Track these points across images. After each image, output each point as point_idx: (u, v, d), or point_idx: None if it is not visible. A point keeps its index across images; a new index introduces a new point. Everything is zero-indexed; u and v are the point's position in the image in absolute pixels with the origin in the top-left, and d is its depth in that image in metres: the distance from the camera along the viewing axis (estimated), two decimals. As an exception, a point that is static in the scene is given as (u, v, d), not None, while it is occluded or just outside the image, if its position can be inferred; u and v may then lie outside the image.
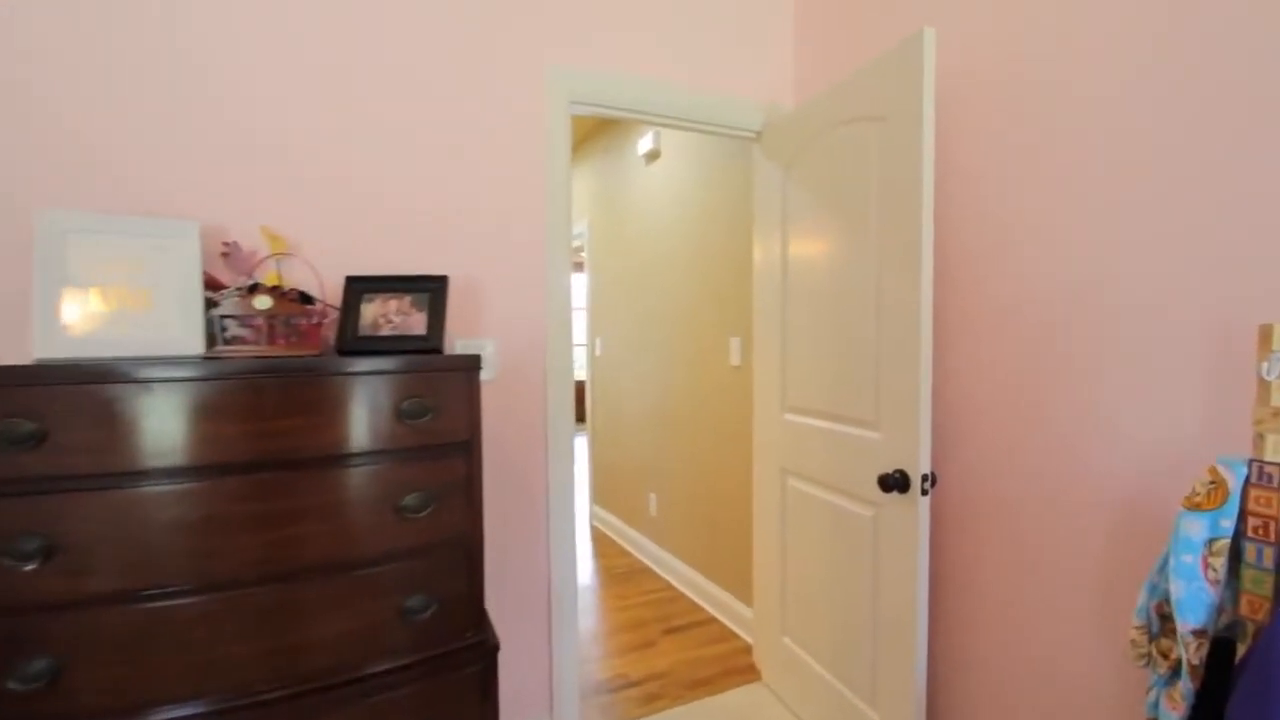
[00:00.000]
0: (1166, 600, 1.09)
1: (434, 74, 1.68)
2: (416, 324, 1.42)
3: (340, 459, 1.17)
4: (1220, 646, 1.02)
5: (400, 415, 1.20)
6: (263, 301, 1.30)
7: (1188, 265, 1.17)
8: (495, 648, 1.30)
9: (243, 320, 1.30)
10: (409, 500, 1.21)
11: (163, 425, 1.06)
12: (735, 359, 2.62)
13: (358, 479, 1.18)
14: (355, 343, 1.38)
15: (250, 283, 1.37)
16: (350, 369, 1.18)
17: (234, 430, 1.10)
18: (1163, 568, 1.08)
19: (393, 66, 1.63)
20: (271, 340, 1.32)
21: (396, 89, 1.64)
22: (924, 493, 1.49)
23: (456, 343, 1.70)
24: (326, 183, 1.57)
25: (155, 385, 1.05)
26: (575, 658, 1.92)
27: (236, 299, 1.32)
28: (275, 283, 1.43)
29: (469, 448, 1.28)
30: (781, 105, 2.18)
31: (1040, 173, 1.42)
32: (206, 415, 1.08)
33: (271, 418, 1.13)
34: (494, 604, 1.79)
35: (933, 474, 1.54)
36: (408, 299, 1.44)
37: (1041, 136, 1.41)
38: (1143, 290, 1.24)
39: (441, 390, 1.25)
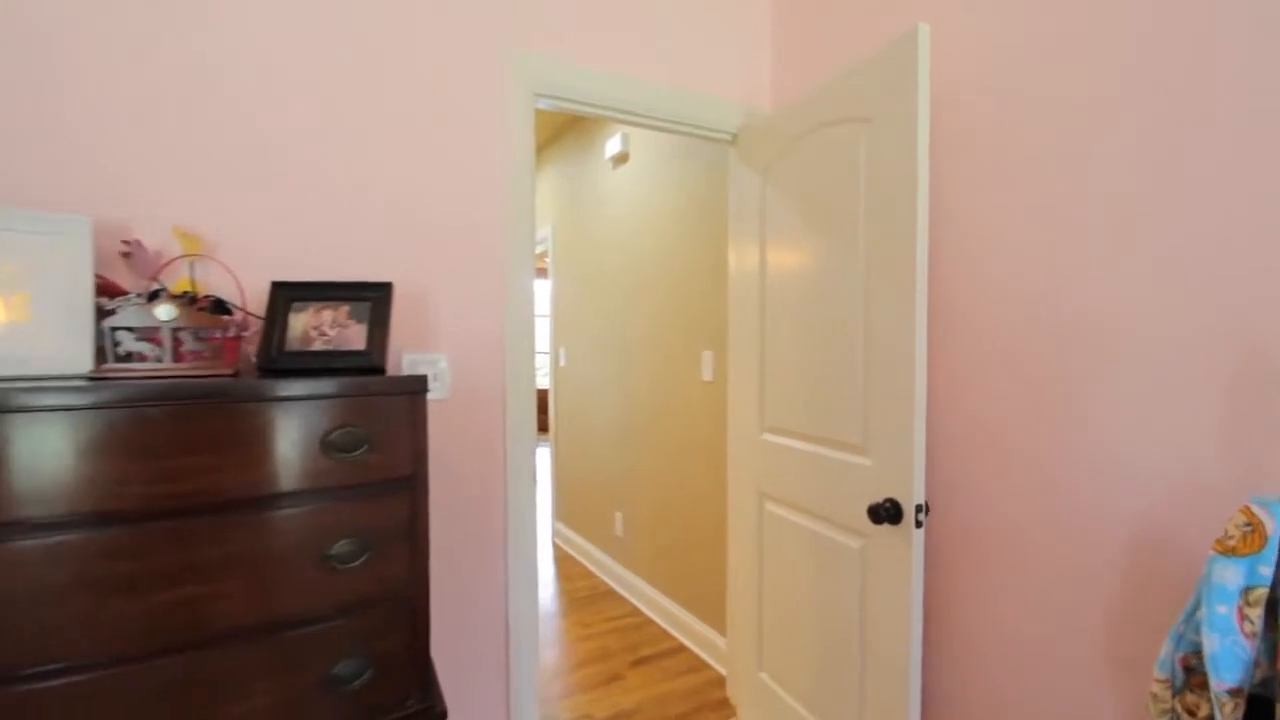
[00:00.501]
0: (1194, 652, 0.99)
1: (382, 56, 1.50)
2: (354, 337, 1.23)
3: (254, 503, 0.98)
4: (1258, 706, 0.92)
5: (328, 448, 1.02)
6: (166, 311, 1.10)
7: (1200, 277, 1.09)
8: (442, 716, 1.12)
9: (141, 333, 1.10)
10: (339, 549, 1.03)
11: (28, 465, 0.85)
12: (708, 373, 2.49)
13: (276, 526, 0.99)
14: (281, 359, 1.19)
15: (153, 288, 1.16)
16: (268, 393, 0.99)
17: (120, 470, 0.90)
18: (1189, 617, 0.98)
19: (335, 44, 1.45)
20: (177, 357, 1.12)
21: (339, 69, 1.45)
22: (918, 525, 1.38)
23: (404, 358, 1.52)
24: (252, 175, 1.37)
25: (17, 415, 0.85)
26: (535, 706, 1.74)
27: (136, 307, 1.12)
28: (186, 288, 1.23)
29: (413, 484, 1.10)
30: (759, 108, 2.07)
31: (1032, 180, 1.33)
32: (86, 452, 0.88)
33: (168, 454, 0.93)
34: (443, 651, 1.60)
35: (926, 504, 1.43)
36: (345, 308, 1.25)
37: (1032, 142, 1.32)
38: (1147, 306, 1.15)
39: (380, 417, 1.07)
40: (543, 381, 7.03)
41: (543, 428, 6.60)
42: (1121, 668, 1.20)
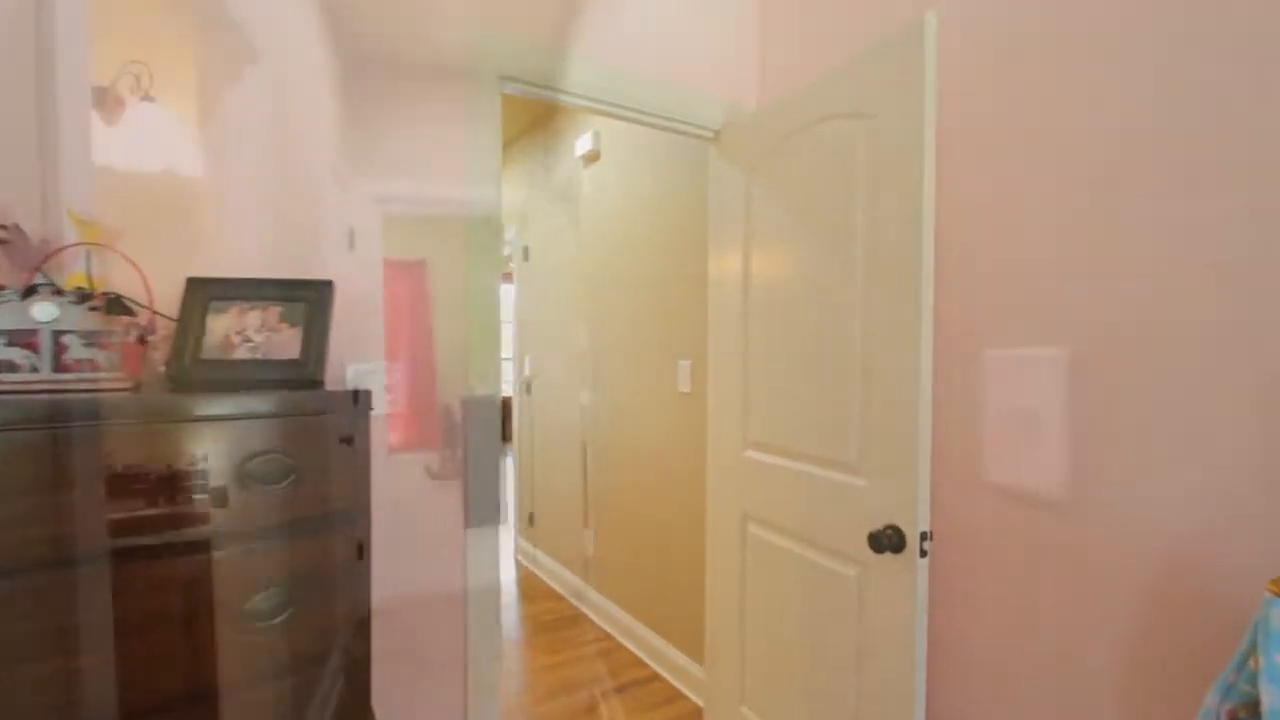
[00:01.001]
0: (1244, 703, 0.89)
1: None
2: (287, 344, 1.05)
3: (154, 549, 0.79)
4: (1322, 768, 0.83)
5: (247, 480, 0.84)
6: (44, 309, 0.90)
7: (1232, 281, 1.00)
8: (387, 795, 0.95)
9: (12, 336, 0.90)
10: (259, 602, 0.84)
11: None
12: (684, 384, 2.35)
13: (182, 577, 0.80)
14: (195, 370, 1.00)
15: (33, 282, 0.96)
16: (174, 413, 0.81)
17: (-31, 509, 0.71)
18: (1240, 666, 0.88)
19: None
20: (60, 367, 0.92)
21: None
22: (922, 554, 1.27)
23: (347, 369, 1.33)
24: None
25: None
26: (498, 755, 1.56)
27: (6, 306, 0.91)
28: (81, 284, 1.02)
29: (353, 518, 0.92)
30: (743, 105, 1.95)
31: (1033, 180, 1.23)
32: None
33: (41, 490, 0.74)
34: (392, 699, 1.41)
35: (930, 530, 1.31)
36: (276, 310, 1.06)
37: (1035, 139, 1.23)
38: (1172, 312, 1.06)
39: (316, 441, 0.90)
40: (505, 389, 6.82)
41: (505, 437, 6.36)
42: (1148, 714, 1.10)
